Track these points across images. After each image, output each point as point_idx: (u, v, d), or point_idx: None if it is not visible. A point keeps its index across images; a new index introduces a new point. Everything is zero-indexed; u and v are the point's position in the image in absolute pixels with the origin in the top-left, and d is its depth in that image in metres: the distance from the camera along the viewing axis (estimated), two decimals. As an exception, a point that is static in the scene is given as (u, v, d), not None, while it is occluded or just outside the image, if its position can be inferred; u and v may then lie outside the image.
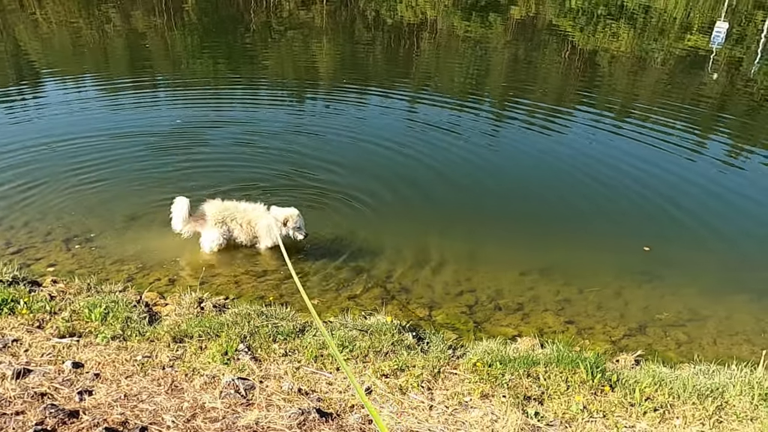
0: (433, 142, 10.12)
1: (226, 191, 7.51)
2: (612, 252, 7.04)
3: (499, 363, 4.33)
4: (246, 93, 12.93)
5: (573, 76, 17.33)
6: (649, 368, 4.55)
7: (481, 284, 6.12)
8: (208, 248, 6.23)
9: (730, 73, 18.47)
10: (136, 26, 19.91)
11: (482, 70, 17.33)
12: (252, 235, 6.31)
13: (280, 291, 5.72)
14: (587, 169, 9.46)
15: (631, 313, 5.83)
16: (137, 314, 4.76)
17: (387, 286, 5.93)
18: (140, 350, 4.24)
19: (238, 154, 8.93)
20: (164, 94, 12.58)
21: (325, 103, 12.51)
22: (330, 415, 3.62)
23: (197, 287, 5.44)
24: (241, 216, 6.22)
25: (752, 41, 23.64)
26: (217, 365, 4.10)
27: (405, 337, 4.68)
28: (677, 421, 3.87)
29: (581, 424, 3.76)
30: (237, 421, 3.50)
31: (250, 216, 6.23)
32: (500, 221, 7.50)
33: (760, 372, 4.43)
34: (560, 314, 5.71)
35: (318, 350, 4.36)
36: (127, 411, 3.52)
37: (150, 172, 8.09)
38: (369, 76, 15.71)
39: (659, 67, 19.07)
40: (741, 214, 8.30)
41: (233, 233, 6.26)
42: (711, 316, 5.90)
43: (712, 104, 14.74)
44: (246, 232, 6.27)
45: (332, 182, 8.10)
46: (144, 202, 7.22)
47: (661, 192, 8.76)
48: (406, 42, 21.53)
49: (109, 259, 6.07)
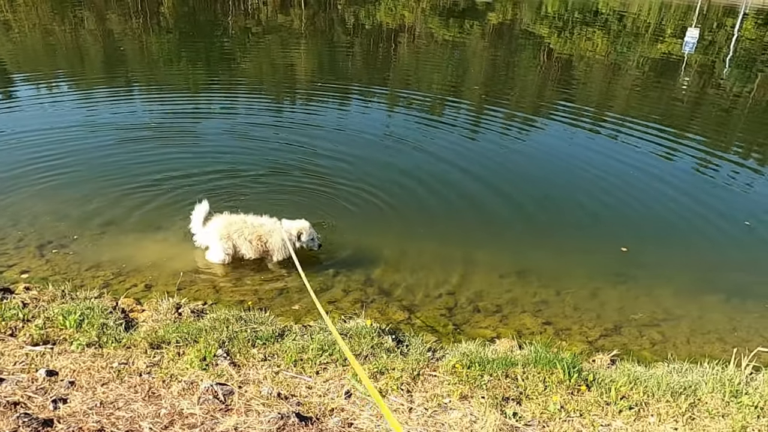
0: (411, 147, 10.18)
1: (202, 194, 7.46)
2: (589, 254, 7.16)
3: (477, 365, 4.36)
4: (224, 96, 12.88)
5: (550, 81, 17.59)
6: (624, 367, 4.63)
7: (460, 287, 6.16)
8: (213, 261, 6.15)
9: (702, 77, 18.92)
10: (111, 29, 19.67)
11: (460, 74, 17.47)
12: (262, 250, 6.10)
13: (259, 295, 5.69)
14: (564, 172, 9.63)
15: (607, 314, 5.92)
16: (113, 321, 4.69)
17: (366, 290, 5.94)
18: (116, 357, 4.18)
19: (215, 158, 8.86)
20: (140, 98, 12.47)
21: (303, 107, 12.50)
22: (310, 419, 3.61)
23: (175, 293, 5.38)
24: (250, 231, 6.00)
25: (722, 47, 24.25)
26: (196, 371, 4.06)
27: (384, 340, 4.69)
28: (651, 418, 3.94)
29: (558, 424, 3.81)
30: (216, 427, 3.47)
31: (260, 231, 6.01)
32: (479, 224, 7.56)
33: (731, 369, 4.54)
34: (538, 315, 5.78)
35: (298, 354, 4.35)
36: (103, 419, 3.47)
37: (126, 176, 8.00)
38: (347, 80, 15.73)
39: (634, 71, 19.46)
40: (714, 214, 8.48)
41: (240, 249, 6.07)
42: (684, 315, 6.03)
43: (686, 107, 15.09)
44: (255, 248, 6.05)
45: (308, 186, 8.10)
46: (120, 206, 7.13)
47: (637, 194, 8.95)
48: (384, 46, 21.61)
49: (84, 265, 5.97)
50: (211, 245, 6.13)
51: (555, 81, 17.52)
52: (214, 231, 6.01)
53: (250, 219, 6.12)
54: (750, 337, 5.68)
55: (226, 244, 6.02)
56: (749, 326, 5.88)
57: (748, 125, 14.21)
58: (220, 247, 6.03)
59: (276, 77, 15.26)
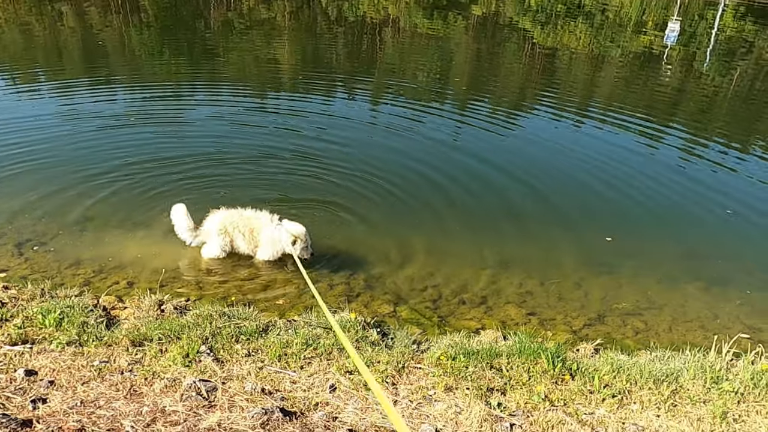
0: (395, 139, 10.16)
1: (183, 190, 7.41)
2: (575, 244, 7.18)
3: (462, 356, 4.37)
4: (207, 91, 12.74)
5: (534, 73, 17.63)
6: (607, 356, 4.67)
7: (445, 279, 6.16)
8: (206, 257, 6.09)
9: (683, 69, 19.09)
10: (91, 23, 19.35)
11: (444, 66, 17.45)
12: (254, 244, 6.03)
13: (243, 291, 5.64)
14: (549, 163, 9.66)
15: (591, 304, 5.97)
16: (94, 319, 4.62)
17: (351, 284, 5.92)
18: (97, 355, 4.13)
19: (197, 153, 8.75)
20: (122, 92, 12.27)
21: (287, 101, 12.40)
22: (294, 413, 3.59)
23: (157, 289, 5.32)
24: (244, 224, 5.92)
25: (703, 38, 24.49)
26: (178, 368, 4.02)
27: (369, 334, 4.68)
28: (634, 406, 3.98)
29: (543, 413, 3.83)
30: (199, 424, 3.44)
31: (253, 224, 5.93)
32: (464, 216, 7.56)
33: (712, 356, 4.60)
34: (523, 306, 5.80)
35: (282, 349, 4.33)
36: (83, 418, 3.42)
37: (107, 172, 7.87)
38: (331, 74, 15.64)
39: (617, 63, 19.59)
40: (696, 203, 8.58)
41: (236, 242, 5.99)
42: (667, 304, 6.09)
43: (668, 99, 15.21)
44: (248, 241, 5.98)
45: (291, 180, 8.06)
46: (100, 203, 7.03)
47: (622, 184, 9.02)
48: (368, 39, 21.52)
49: (64, 263, 5.87)
50: (209, 241, 6.05)
51: (539, 73, 17.57)
52: (213, 227, 5.94)
53: (247, 212, 6.03)
54: (731, 324, 5.76)
55: (224, 239, 5.95)
56: (730, 313, 5.95)
57: (729, 116, 14.38)
58: (217, 242, 5.96)
59: (259, 70, 15.13)
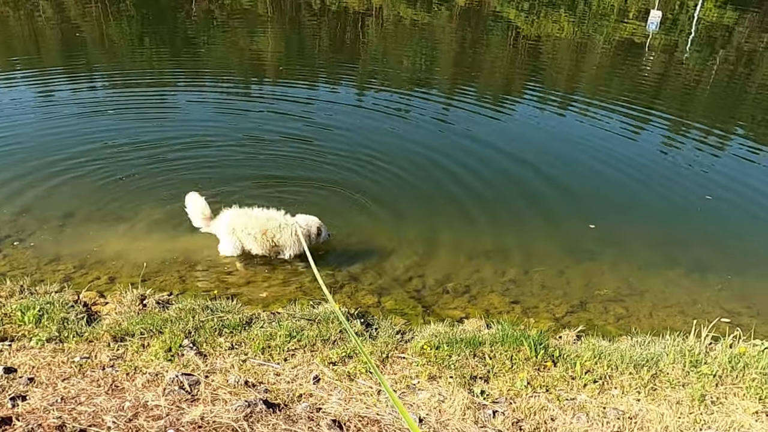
0: (379, 128, 10.13)
1: (165, 183, 7.36)
2: (558, 232, 7.24)
3: (446, 345, 4.39)
4: (188, 81, 12.59)
5: (518, 62, 17.66)
6: (589, 342, 4.71)
7: (429, 269, 6.18)
8: (222, 254, 6.02)
9: (665, 56, 19.22)
10: (69, 14, 18.99)
11: (428, 56, 17.41)
12: (270, 245, 5.90)
13: (226, 284, 5.62)
14: (533, 152, 9.68)
15: (573, 291, 6.03)
16: (75, 315, 4.58)
17: (336, 275, 5.92)
18: (78, 351, 4.09)
19: (179, 145, 8.67)
20: (101, 83, 12.08)
21: (270, 92, 12.29)
22: (277, 405, 3.59)
23: (139, 284, 5.27)
24: (254, 226, 5.79)
25: (685, 26, 24.67)
26: (161, 362, 4.00)
27: (353, 325, 4.69)
28: (615, 390, 4.04)
29: (525, 400, 3.87)
30: (181, 418, 3.42)
31: (267, 226, 5.80)
32: (448, 206, 7.55)
33: (691, 341, 4.67)
34: (506, 295, 5.84)
35: (265, 341, 4.32)
36: (64, 414, 3.39)
37: (85, 165, 7.77)
38: (314, 64, 15.54)
39: (600, 52, 19.67)
40: (677, 190, 8.70)
41: (245, 244, 5.90)
42: (648, 290, 6.17)
43: (650, 86, 15.32)
44: (261, 244, 5.86)
45: (275, 171, 8.03)
46: (80, 197, 6.95)
47: (605, 171, 9.13)
48: (351, 29, 21.39)
49: (44, 259, 5.80)
50: (222, 239, 5.97)
51: (523, 62, 17.60)
52: (223, 225, 5.86)
53: (258, 213, 5.90)
54: (710, 309, 5.85)
55: (234, 237, 5.87)
56: (709, 298, 6.05)
57: (710, 103, 14.54)
58: (230, 241, 5.88)
59: (242, 61, 14.97)
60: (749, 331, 4.91)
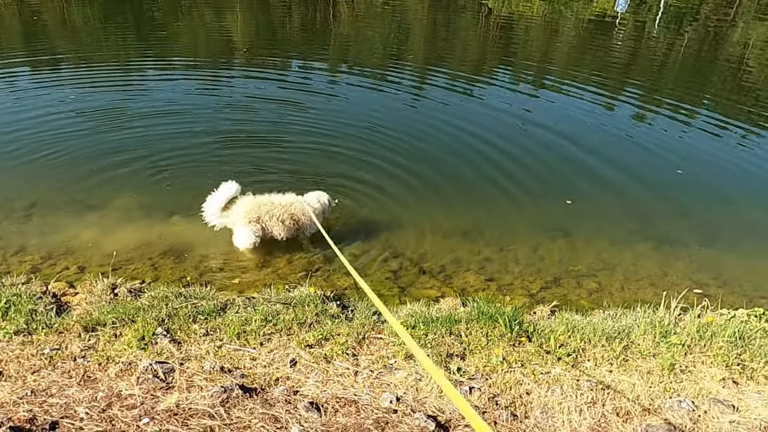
0: (354, 109, 10.06)
1: (134, 172, 7.21)
2: (531, 209, 7.28)
3: (422, 324, 4.41)
4: (156, 67, 12.29)
5: (489, 41, 17.63)
6: (563, 317, 4.79)
7: (405, 249, 6.19)
8: (242, 247, 5.84)
9: (635, 34, 19.41)
10: None
11: (401, 37, 17.27)
12: (295, 228, 5.94)
13: (200, 270, 5.55)
14: (507, 130, 9.72)
15: (547, 267, 6.10)
16: (43, 306, 4.47)
17: (311, 258, 5.88)
18: (48, 343, 4.00)
19: (145, 132, 8.50)
20: (66, 70, 11.72)
21: (240, 75, 12.08)
22: (254, 390, 3.57)
23: (110, 273, 5.17)
24: (280, 211, 5.78)
25: (653, 5, 24.89)
26: (134, 351, 3.94)
27: (329, 307, 4.67)
28: (588, 363, 4.11)
29: (501, 375, 3.91)
30: (156, 406, 3.38)
31: (291, 210, 5.82)
32: (423, 186, 7.54)
33: (661, 312, 4.77)
34: (481, 273, 5.89)
35: (241, 327, 4.28)
36: (35, 407, 3.32)
37: (50, 153, 7.57)
38: (284, 47, 15.30)
39: (570, 30, 19.76)
40: (649, 164, 8.83)
41: (272, 231, 5.83)
42: (619, 264, 6.28)
43: (621, 64, 15.47)
44: (288, 228, 5.87)
45: (244, 154, 7.94)
46: (45, 186, 6.76)
47: (578, 146, 9.21)
48: (322, 10, 21.07)
49: (9, 251, 5.65)
50: (237, 228, 5.80)
51: (495, 42, 17.59)
52: (243, 214, 5.70)
53: (277, 198, 5.88)
54: (679, 281, 5.98)
55: (255, 226, 5.73)
56: (679, 270, 6.19)
57: (679, 79, 14.75)
58: (248, 230, 5.72)
59: (210, 46, 14.67)
60: (717, 301, 5.04)
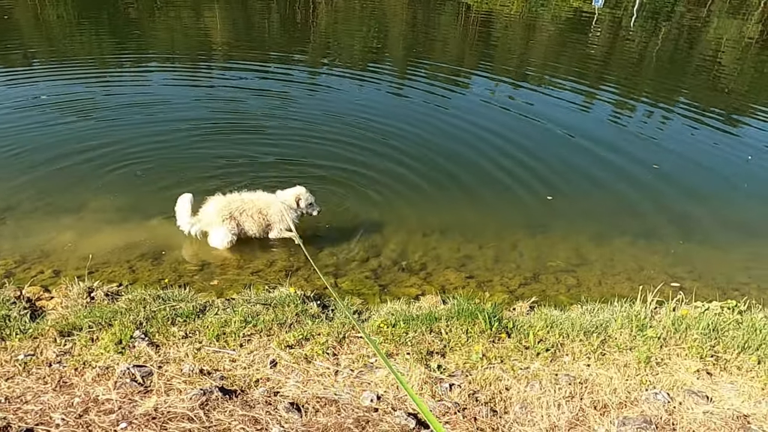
0: (334, 108, 10.02)
1: (109, 174, 7.11)
2: (513, 207, 7.35)
3: (402, 322, 4.42)
4: (132, 66, 12.11)
5: (468, 39, 17.71)
6: (542, 313, 4.84)
7: (385, 248, 6.19)
8: (220, 246, 5.81)
9: (612, 30, 19.65)
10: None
11: (381, 34, 17.26)
12: (265, 224, 5.91)
13: (178, 272, 5.49)
14: (487, 127, 9.75)
15: (526, 264, 6.15)
16: (17, 311, 4.39)
17: (290, 259, 5.86)
18: (22, 349, 3.93)
19: (123, 132, 8.37)
20: (37, 69, 11.49)
21: (219, 74, 11.97)
22: (234, 392, 3.55)
23: (86, 276, 5.08)
24: (250, 207, 5.78)
25: (629, 2, 25.22)
26: (111, 355, 3.89)
27: (309, 307, 4.66)
28: (566, 357, 4.16)
29: (481, 371, 3.94)
30: (134, 410, 3.35)
31: (259, 205, 5.81)
32: (403, 184, 7.55)
33: (638, 306, 4.85)
34: (461, 270, 5.92)
35: (220, 328, 4.25)
36: (9, 415, 3.26)
37: (21, 155, 7.42)
38: (263, 45, 15.19)
39: (548, 27, 19.93)
40: (626, 160, 8.95)
41: (244, 227, 5.82)
42: (597, 259, 6.37)
43: (598, 60, 15.66)
44: (258, 223, 5.85)
45: (219, 154, 7.89)
46: (16, 189, 6.63)
47: (557, 144, 9.32)
48: (301, 9, 20.96)
49: (-19, 256, 5.53)
50: (212, 229, 5.77)
51: (474, 40, 17.66)
52: (215, 214, 5.68)
53: (247, 195, 5.87)
54: (655, 275, 6.08)
55: (231, 224, 5.72)
56: (654, 264, 6.29)
57: (655, 74, 14.99)
58: (224, 228, 5.71)
59: (188, 44, 14.50)
60: (691, 294, 5.13)
